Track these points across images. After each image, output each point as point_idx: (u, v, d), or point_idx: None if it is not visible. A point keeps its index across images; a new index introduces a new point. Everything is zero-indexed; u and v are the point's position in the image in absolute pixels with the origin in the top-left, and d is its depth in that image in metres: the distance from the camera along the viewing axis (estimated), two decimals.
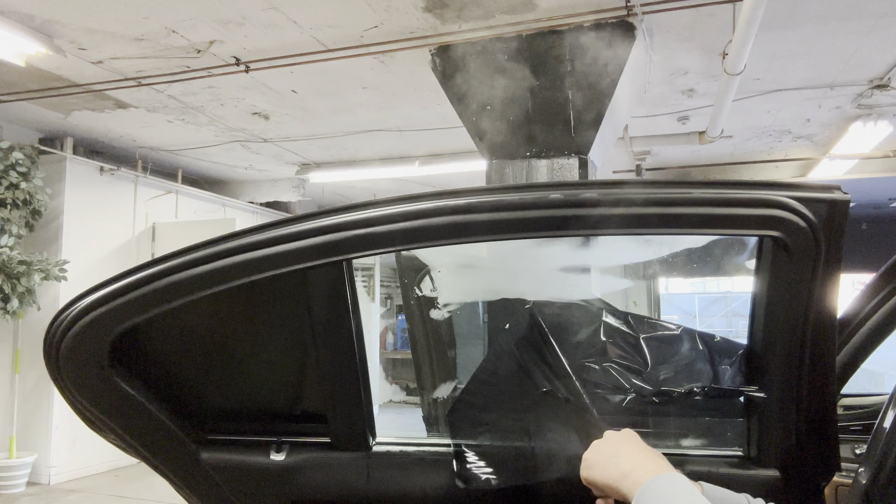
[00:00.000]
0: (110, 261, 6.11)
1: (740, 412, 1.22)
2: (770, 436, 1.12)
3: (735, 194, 1.05)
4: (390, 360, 10.70)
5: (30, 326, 5.60)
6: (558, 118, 3.84)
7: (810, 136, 6.18)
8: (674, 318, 2.90)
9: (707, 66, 4.44)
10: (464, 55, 3.99)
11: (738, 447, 1.19)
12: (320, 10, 3.68)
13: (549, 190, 1.14)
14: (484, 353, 1.40)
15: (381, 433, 1.31)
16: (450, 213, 1.14)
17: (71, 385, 1.25)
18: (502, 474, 1.20)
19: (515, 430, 1.24)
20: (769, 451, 1.12)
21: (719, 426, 1.68)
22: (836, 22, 3.81)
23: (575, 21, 3.71)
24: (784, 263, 1.05)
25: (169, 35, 3.98)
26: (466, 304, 2.41)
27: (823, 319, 1.06)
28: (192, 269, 1.20)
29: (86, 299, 1.22)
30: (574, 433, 1.07)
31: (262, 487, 1.30)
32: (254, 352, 1.36)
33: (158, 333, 1.31)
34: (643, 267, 2.22)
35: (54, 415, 5.53)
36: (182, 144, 6.39)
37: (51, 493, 5.30)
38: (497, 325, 1.42)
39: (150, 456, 1.32)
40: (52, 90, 4.87)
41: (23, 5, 3.62)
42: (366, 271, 9.61)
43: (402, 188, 7.69)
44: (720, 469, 1.14)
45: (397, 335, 11.21)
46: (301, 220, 1.21)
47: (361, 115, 5.51)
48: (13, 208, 5.14)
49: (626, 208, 1.09)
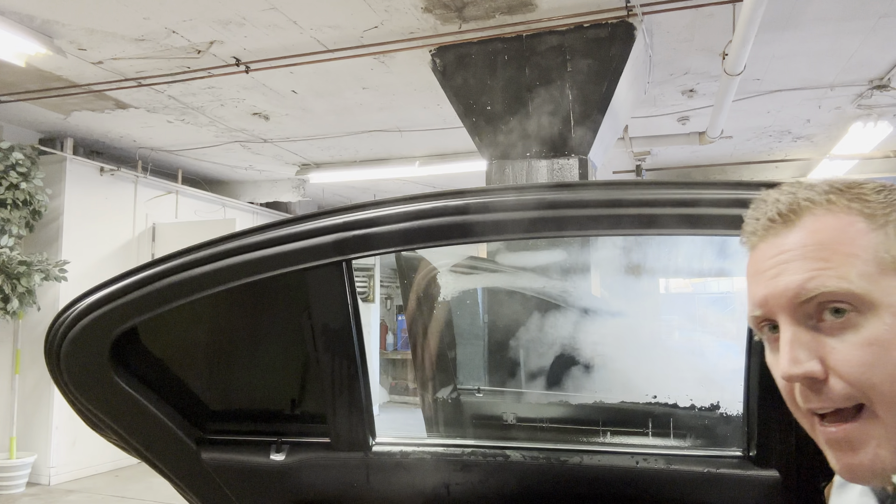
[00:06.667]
0: (110, 261, 6.11)
1: (740, 412, 1.22)
2: (770, 436, 1.12)
3: (735, 194, 1.05)
4: (390, 360, 10.70)
5: (30, 327, 5.60)
6: (558, 118, 3.85)
7: (810, 137, 6.18)
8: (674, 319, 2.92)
9: (707, 67, 4.44)
10: (464, 55, 4.00)
11: (737, 447, 1.19)
12: (320, 10, 3.68)
13: (549, 191, 1.14)
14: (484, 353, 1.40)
15: (380, 433, 1.32)
16: (450, 213, 1.14)
17: (72, 385, 1.25)
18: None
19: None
20: (769, 452, 1.12)
21: (719, 426, 1.69)
22: (836, 22, 3.81)
23: (575, 21, 3.71)
24: None
25: (169, 35, 3.99)
26: (467, 304, 2.41)
27: None
28: (192, 270, 1.20)
29: (86, 300, 1.22)
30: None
31: (262, 487, 1.30)
32: (254, 352, 1.36)
33: (159, 334, 1.31)
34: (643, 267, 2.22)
35: (54, 415, 5.53)
36: (182, 145, 6.39)
37: (51, 493, 5.30)
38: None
39: (151, 456, 1.32)
40: (52, 90, 4.87)
41: (23, 5, 3.62)
42: (366, 272, 9.61)
43: (402, 188, 7.69)
44: (720, 469, 1.14)
45: (397, 335, 11.22)
46: (301, 220, 1.21)
47: (361, 115, 5.51)
48: (13, 208, 5.14)
49: (626, 209, 1.09)
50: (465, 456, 1.24)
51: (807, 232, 0.64)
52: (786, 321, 0.65)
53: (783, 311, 0.64)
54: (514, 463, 1.21)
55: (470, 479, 1.23)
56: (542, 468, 1.20)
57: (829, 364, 0.62)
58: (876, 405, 0.60)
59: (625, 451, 1.20)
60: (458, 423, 2.30)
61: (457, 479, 1.23)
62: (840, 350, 0.61)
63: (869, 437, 0.61)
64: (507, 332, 2.76)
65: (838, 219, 0.64)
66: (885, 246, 0.62)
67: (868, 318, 0.61)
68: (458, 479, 1.23)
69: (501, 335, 2.87)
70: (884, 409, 0.60)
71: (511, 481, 1.22)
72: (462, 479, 1.23)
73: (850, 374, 0.61)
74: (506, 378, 2.55)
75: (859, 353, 0.60)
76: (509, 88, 3.90)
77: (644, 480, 1.16)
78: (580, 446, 1.23)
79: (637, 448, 1.22)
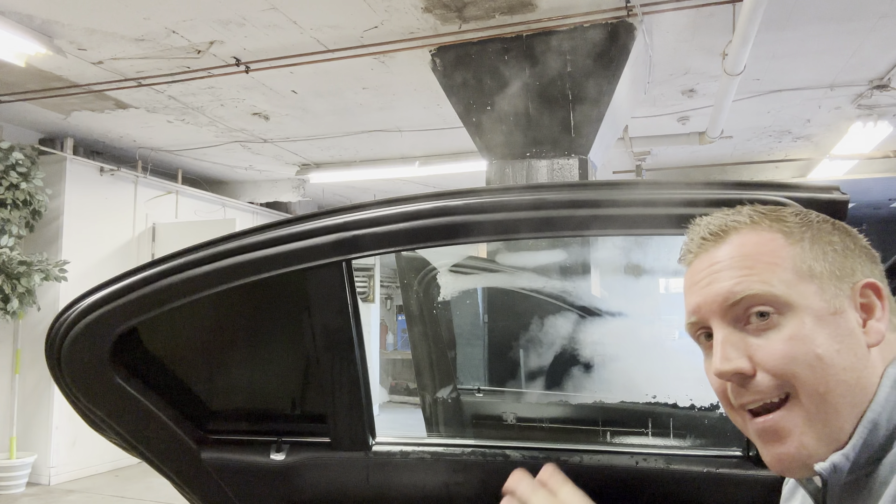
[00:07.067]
0: (110, 261, 6.11)
1: None
2: None
3: (735, 195, 1.05)
4: (390, 360, 10.70)
5: (30, 327, 5.60)
6: (558, 118, 3.85)
7: (810, 137, 6.18)
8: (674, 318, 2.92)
9: (707, 67, 4.44)
10: (464, 55, 4.00)
11: (737, 447, 1.19)
12: (320, 10, 3.68)
13: (549, 191, 1.14)
14: (484, 353, 1.41)
15: (380, 433, 1.32)
16: (450, 213, 1.15)
17: (73, 385, 1.26)
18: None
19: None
20: None
21: (719, 426, 1.69)
22: (836, 22, 3.81)
23: (575, 21, 3.71)
24: None
25: (169, 35, 3.99)
26: (467, 304, 2.42)
27: None
28: (192, 270, 1.20)
29: (87, 300, 1.22)
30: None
31: (262, 487, 1.30)
32: (254, 352, 1.36)
33: (159, 334, 1.32)
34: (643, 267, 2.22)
35: (54, 415, 5.53)
36: (182, 145, 6.39)
37: (51, 493, 5.30)
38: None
39: (152, 455, 1.32)
40: (52, 90, 4.87)
41: (23, 5, 3.62)
42: (366, 272, 9.60)
43: (402, 188, 7.69)
44: (720, 469, 1.14)
45: (397, 335, 11.22)
46: (301, 220, 1.21)
47: (361, 115, 5.52)
48: (13, 209, 5.14)
49: (625, 209, 1.09)
50: (465, 456, 1.24)
51: (734, 246, 0.74)
52: (717, 324, 0.72)
53: (715, 315, 0.72)
54: (514, 463, 1.21)
55: (470, 479, 1.23)
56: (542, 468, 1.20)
57: (755, 360, 0.69)
58: (799, 393, 0.67)
59: (625, 451, 1.20)
60: (457, 423, 2.30)
61: (457, 479, 1.23)
62: (765, 347, 0.69)
63: (793, 426, 0.68)
64: (507, 332, 2.76)
65: (761, 236, 0.73)
66: (801, 257, 0.71)
67: (788, 318, 0.68)
68: (458, 479, 1.24)
69: (501, 335, 2.87)
70: (806, 397, 0.67)
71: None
72: (462, 479, 1.23)
73: (774, 367, 0.68)
74: (506, 378, 2.55)
75: (781, 347, 0.68)
76: (509, 88, 3.90)
77: (644, 480, 1.16)
78: (580, 446, 1.23)
79: (637, 448, 1.22)
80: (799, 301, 0.68)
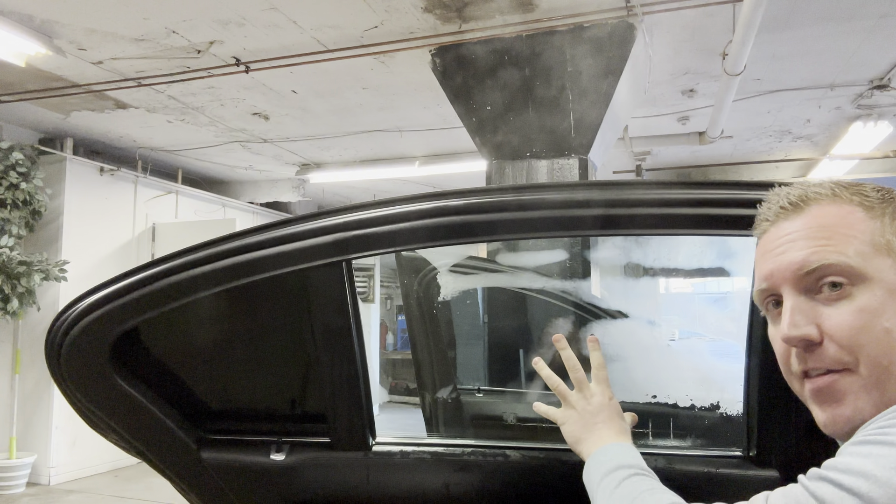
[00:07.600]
0: (110, 261, 6.11)
1: (740, 412, 1.22)
2: (770, 436, 1.12)
3: (735, 195, 1.05)
4: (390, 360, 10.70)
5: (30, 327, 5.60)
6: (558, 118, 3.85)
7: (810, 137, 6.18)
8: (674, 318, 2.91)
9: (707, 67, 4.44)
10: (464, 55, 4.00)
11: (737, 447, 1.19)
12: (320, 10, 3.68)
13: (549, 191, 1.14)
14: (484, 353, 1.40)
15: (380, 433, 1.32)
16: (450, 213, 1.14)
17: (73, 385, 1.26)
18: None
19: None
20: (769, 451, 1.12)
21: (719, 426, 1.69)
22: (836, 22, 3.81)
23: (575, 21, 3.71)
24: None
25: (169, 35, 3.99)
26: (467, 304, 2.42)
27: None
28: (192, 270, 1.20)
29: (87, 300, 1.22)
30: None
31: (262, 487, 1.30)
32: (254, 352, 1.36)
33: (159, 334, 1.32)
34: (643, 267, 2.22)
35: (54, 415, 5.53)
36: (182, 145, 6.39)
37: (51, 493, 5.30)
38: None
39: (152, 455, 1.32)
40: (52, 90, 4.87)
41: (23, 5, 3.62)
42: (366, 272, 9.60)
43: (402, 188, 7.69)
44: (719, 469, 1.14)
45: (397, 335, 11.22)
46: (301, 220, 1.21)
47: (361, 115, 5.51)
48: (13, 209, 5.14)
49: (625, 209, 1.09)
50: (465, 456, 1.24)
51: (812, 217, 0.74)
52: (788, 292, 0.73)
53: (786, 282, 0.73)
54: (514, 463, 1.21)
55: (470, 479, 1.23)
56: (542, 468, 1.20)
57: (824, 329, 0.70)
58: (861, 364, 0.68)
59: None
60: (457, 423, 2.30)
61: (457, 479, 1.23)
62: (835, 317, 0.70)
63: (851, 390, 0.69)
64: (507, 332, 2.76)
65: (841, 208, 0.73)
66: (880, 231, 0.71)
67: (861, 290, 0.69)
68: (458, 478, 1.23)
69: (501, 335, 2.87)
70: (868, 367, 0.68)
71: (511, 481, 1.22)
72: (462, 478, 1.23)
73: (842, 337, 0.69)
74: (506, 378, 2.55)
75: (851, 318, 0.69)
76: (509, 88, 3.90)
77: None
78: None
79: (637, 448, 1.22)
80: (874, 274, 0.69)
